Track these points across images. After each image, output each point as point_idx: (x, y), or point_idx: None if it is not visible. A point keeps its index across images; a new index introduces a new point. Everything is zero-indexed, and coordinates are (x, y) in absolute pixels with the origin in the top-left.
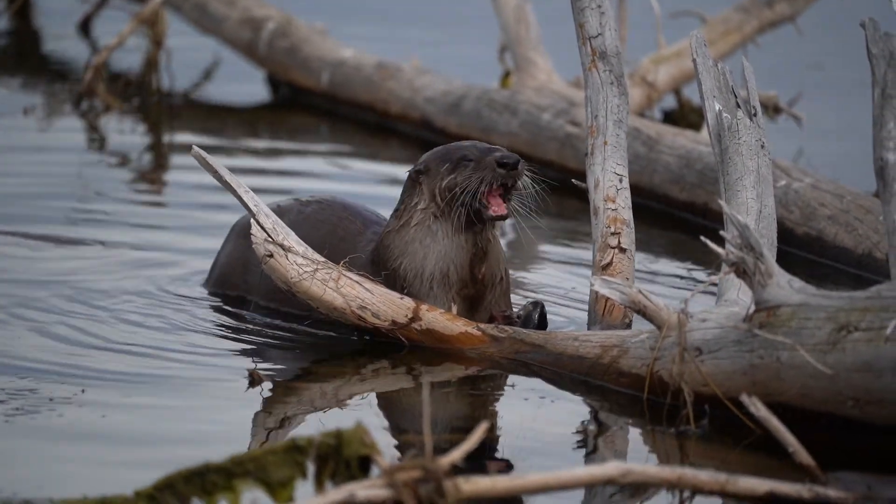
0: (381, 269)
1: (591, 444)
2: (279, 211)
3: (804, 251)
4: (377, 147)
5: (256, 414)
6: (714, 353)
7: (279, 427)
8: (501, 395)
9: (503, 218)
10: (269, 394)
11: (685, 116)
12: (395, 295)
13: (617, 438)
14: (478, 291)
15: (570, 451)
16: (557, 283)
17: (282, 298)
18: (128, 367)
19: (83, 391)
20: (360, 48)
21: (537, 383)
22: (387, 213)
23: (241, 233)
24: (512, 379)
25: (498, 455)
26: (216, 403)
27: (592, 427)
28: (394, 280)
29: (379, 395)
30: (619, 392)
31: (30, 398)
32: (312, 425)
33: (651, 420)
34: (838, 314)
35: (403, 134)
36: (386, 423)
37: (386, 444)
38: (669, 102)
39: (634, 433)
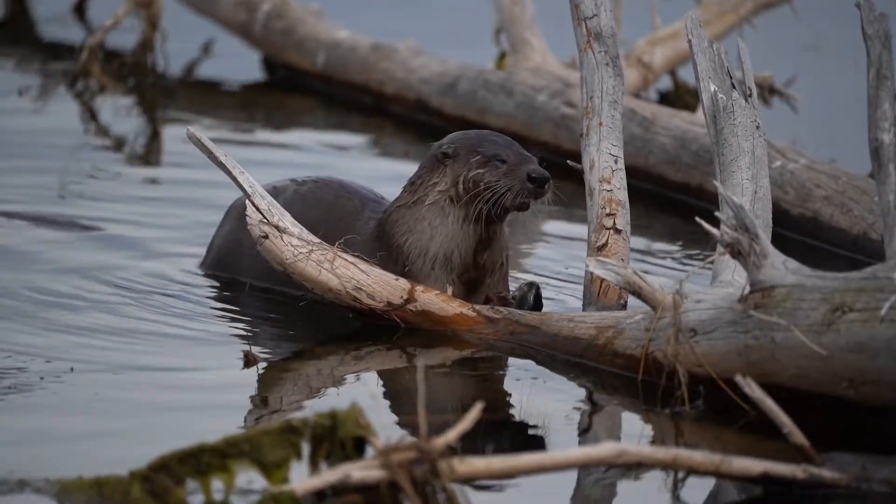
0: (385, 243)
1: (586, 424)
2: (275, 191)
3: (799, 232)
4: (373, 128)
5: (251, 395)
6: (709, 334)
7: (274, 408)
8: (497, 376)
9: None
10: (265, 375)
11: (681, 97)
12: (390, 276)
13: (612, 419)
14: (478, 276)
15: (566, 432)
16: (553, 265)
17: (277, 280)
18: (121, 347)
19: (72, 369)
20: (355, 29)
21: (532, 365)
22: (384, 192)
23: (236, 214)
24: (507, 361)
25: (493, 436)
26: (211, 384)
27: (587, 407)
28: (396, 256)
29: (374, 377)
30: (614, 373)
31: (20, 377)
32: (307, 406)
33: (646, 401)
34: (833, 295)
35: (399, 115)
36: (381, 404)
37: (381, 426)
38: (665, 84)
39: (629, 414)
